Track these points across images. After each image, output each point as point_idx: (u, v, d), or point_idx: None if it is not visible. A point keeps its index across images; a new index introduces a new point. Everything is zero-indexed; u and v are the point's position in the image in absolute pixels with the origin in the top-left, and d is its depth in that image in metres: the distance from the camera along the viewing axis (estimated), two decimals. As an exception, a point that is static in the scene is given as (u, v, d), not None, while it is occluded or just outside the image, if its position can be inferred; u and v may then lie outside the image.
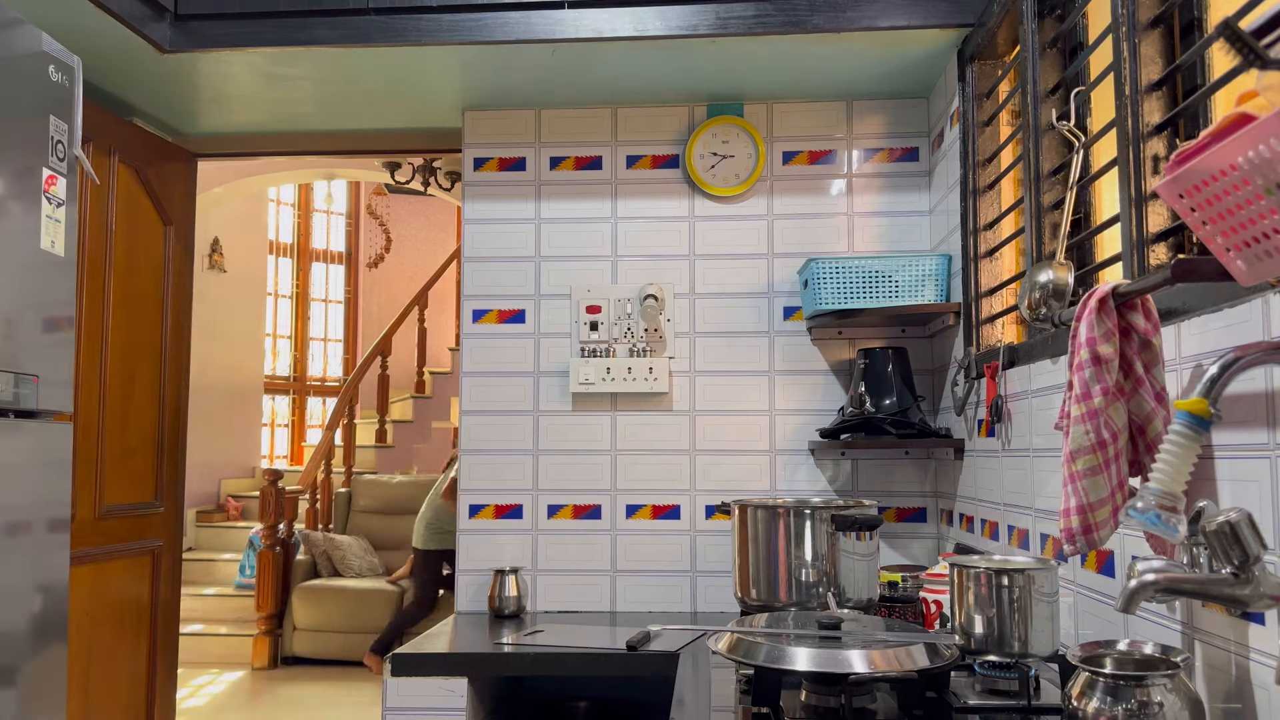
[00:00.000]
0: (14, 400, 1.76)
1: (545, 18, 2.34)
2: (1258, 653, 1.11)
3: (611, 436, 2.73)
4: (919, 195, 2.71)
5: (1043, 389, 1.82)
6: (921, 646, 1.49)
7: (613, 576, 2.70)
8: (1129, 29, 1.48)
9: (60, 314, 1.90)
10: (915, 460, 2.67)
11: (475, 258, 2.80)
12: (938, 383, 2.63)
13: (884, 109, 2.74)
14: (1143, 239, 1.42)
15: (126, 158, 2.81)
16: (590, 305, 2.74)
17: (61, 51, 1.89)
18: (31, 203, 1.81)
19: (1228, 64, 1.31)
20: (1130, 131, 1.47)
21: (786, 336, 2.72)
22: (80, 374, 2.61)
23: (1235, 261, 0.94)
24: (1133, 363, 1.27)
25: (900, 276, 2.46)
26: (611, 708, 2.61)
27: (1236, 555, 1.01)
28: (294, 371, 8.64)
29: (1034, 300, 1.70)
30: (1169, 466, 1.06)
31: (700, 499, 2.70)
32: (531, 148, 2.81)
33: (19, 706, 1.76)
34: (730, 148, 2.73)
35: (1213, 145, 0.90)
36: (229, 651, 5.67)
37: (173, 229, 3.02)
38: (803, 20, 2.30)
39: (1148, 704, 1.09)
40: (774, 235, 2.74)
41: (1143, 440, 1.28)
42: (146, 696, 2.86)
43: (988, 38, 2.18)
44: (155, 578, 2.93)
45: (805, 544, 2.12)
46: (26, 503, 1.79)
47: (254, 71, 2.57)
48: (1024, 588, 1.48)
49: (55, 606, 1.87)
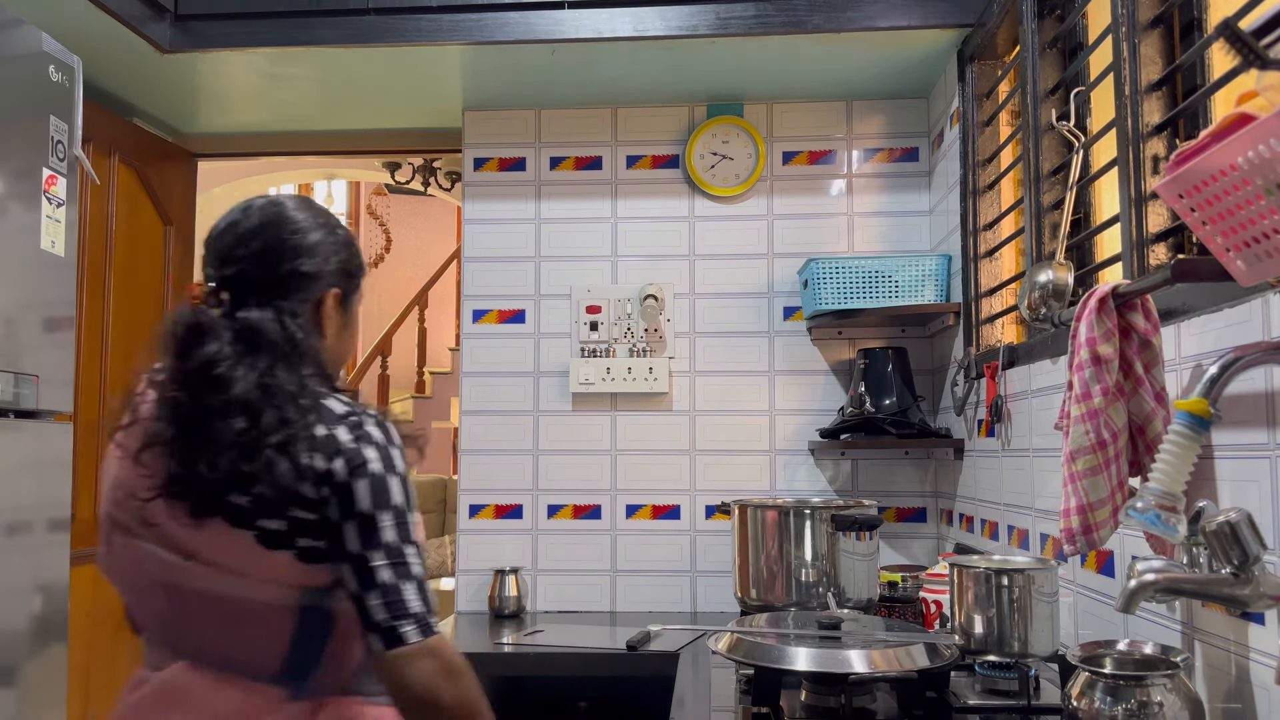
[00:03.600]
0: (14, 400, 1.76)
1: (545, 18, 2.34)
2: (1258, 653, 1.11)
3: (611, 436, 2.73)
4: (919, 195, 2.71)
5: (1043, 389, 1.82)
6: (921, 646, 1.49)
7: (613, 576, 2.70)
8: (1129, 29, 1.48)
9: (60, 314, 1.90)
10: (915, 460, 2.67)
11: (475, 258, 2.80)
12: (938, 383, 2.63)
13: (884, 109, 2.74)
14: (1143, 239, 1.42)
15: (126, 158, 2.81)
16: (590, 305, 2.74)
17: (61, 51, 1.89)
18: (31, 203, 1.81)
19: (1228, 64, 1.31)
20: (1130, 131, 1.47)
21: (786, 336, 2.72)
22: (80, 374, 2.60)
23: (1235, 261, 0.94)
24: (1133, 363, 1.27)
25: (900, 276, 2.46)
26: (611, 708, 2.60)
27: (1236, 555, 1.01)
28: (294, 371, 8.63)
29: (1034, 300, 1.70)
30: (1169, 466, 1.06)
31: (700, 499, 2.70)
32: (531, 148, 2.81)
33: (19, 706, 1.76)
34: (730, 148, 2.73)
35: (1213, 145, 0.90)
36: (229, 651, 5.66)
37: (173, 229, 3.02)
38: (803, 20, 2.30)
39: (1148, 704, 1.09)
40: (774, 235, 2.74)
41: (1143, 440, 1.28)
42: (146, 696, 2.86)
43: (988, 38, 2.18)
44: (155, 578, 2.92)
45: (805, 544, 2.12)
46: (26, 503, 1.79)
47: (254, 71, 2.57)
48: (1024, 588, 1.48)
49: (55, 606, 1.86)
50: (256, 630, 1.12)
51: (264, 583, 1.11)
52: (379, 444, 1.13)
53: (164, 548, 1.13)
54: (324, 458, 1.10)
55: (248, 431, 1.08)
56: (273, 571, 1.10)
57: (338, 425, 1.12)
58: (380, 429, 1.15)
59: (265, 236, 1.18)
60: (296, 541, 1.10)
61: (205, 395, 1.10)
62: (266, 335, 1.14)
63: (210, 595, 1.12)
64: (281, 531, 1.10)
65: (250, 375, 1.11)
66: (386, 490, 1.11)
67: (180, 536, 1.12)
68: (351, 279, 1.28)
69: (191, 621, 1.14)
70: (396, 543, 1.10)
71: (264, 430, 1.08)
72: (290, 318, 1.17)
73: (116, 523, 1.18)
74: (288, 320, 1.16)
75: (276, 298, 1.17)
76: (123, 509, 1.16)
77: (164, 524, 1.13)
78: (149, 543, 1.14)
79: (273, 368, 1.12)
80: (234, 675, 1.12)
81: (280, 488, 1.08)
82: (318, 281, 1.21)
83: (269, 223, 1.19)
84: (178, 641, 1.16)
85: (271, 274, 1.18)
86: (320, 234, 1.22)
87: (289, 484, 1.08)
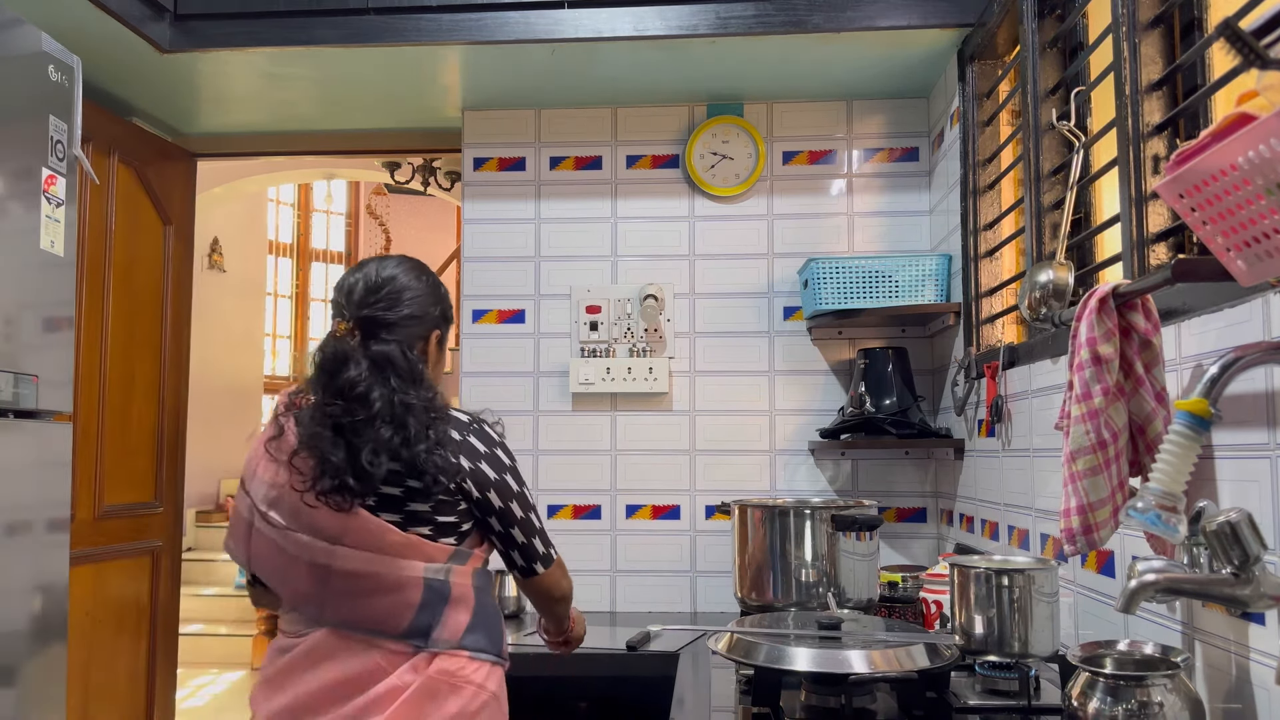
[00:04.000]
0: (14, 400, 1.76)
1: (545, 18, 2.34)
2: (1258, 653, 1.11)
3: (611, 436, 2.73)
4: (919, 195, 2.71)
5: (1043, 389, 1.82)
6: (921, 646, 1.49)
7: (613, 576, 2.70)
8: (1129, 29, 1.48)
9: (60, 314, 1.90)
10: (915, 460, 2.67)
11: (475, 258, 2.80)
12: (938, 383, 2.63)
13: (884, 109, 2.74)
14: (1143, 239, 1.42)
15: (126, 158, 2.81)
16: (590, 305, 2.74)
17: (61, 51, 1.89)
18: (31, 203, 1.81)
19: (1228, 64, 1.31)
20: (1130, 131, 1.47)
21: (786, 336, 2.72)
22: (80, 374, 2.60)
23: (1235, 261, 0.94)
24: (1133, 363, 1.26)
25: (900, 276, 2.46)
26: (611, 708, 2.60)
27: (1236, 555, 1.01)
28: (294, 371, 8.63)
29: (1034, 300, 1.70)
30: (1169, 466, 1.06)
31: (700, 499, 2.70)
32: (531, 148, 2.81)
33: (19, 706, 1.76)
34: (730, 148, 2.73)
35: (1213, 145, 0.90)
36: (229, 652, 5.67)
37: (173, 229, 3.02)
38: (803, 20, 2.30)
39: (1148, 704, 1.09)
40: (774, 235, 2.74)
41: (1143, 440, 1.28)
42: (146, 696, 2.86)
43: (988, 38, 2.18)
44: (155, 578, 2.93)
45: (805, 544, 2.11)
46: (26, 503, 1.79)
47: (254, 71, 2.57)
48: (1024, 588, 1.48)
49: (55, 606, 1.86)
50: (390, 599, 1.40)
51: (400, 560, 1.40)
52: (499, 442, 1.53)
53: (314, 535, 1.41)
54: (465, 458, 1.45)
55: (397, 436, 1.40)
56: (408, 550, 1.41)
57: (467, 432, 1.49)
58: (492, 428, 1.54)
59: (389, 289, 1.52)
60: (434, 520, 1.44)
61: (354, 409, 1.41)
62: (394, 363, 1.46)
63: (353, 572, 1.40)
64: (422, 515, 1.43)
65: (387, 393, 1.43)
66: (510, 479, 1.50)
67: (330, 524, 1.41)
68: (447, 323, 1.62)
69: (335, 594, 1.41)
70: (524, 515, 1.52)
71: (413, 436, 1.41)
72: (409, 349, 1.49)
73: (267, 517, 1.45)
74: (407, 352, 1.48)
75: (396, 336, 1.49)
76: (276, 506, 1.45)
77: (316, 514, 1.41)
78: (300, 531, 1.42)
79: (403, 388, 1.44)
80: (369, 636, 1.41)
81: (427, 480, 1.41)
82: (425, 324, 1.55)
83: (390, 278, 1.53)
84: (320, 611, 1.43)
85: (393, 318, 1.50)
86: (426, 289, 1.56)
87: (434, 478, 1.41)
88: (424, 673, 1.40)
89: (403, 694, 1.38)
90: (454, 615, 1.44)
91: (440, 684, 1.41)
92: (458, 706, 1.41)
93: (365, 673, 1.39)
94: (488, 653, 1.48)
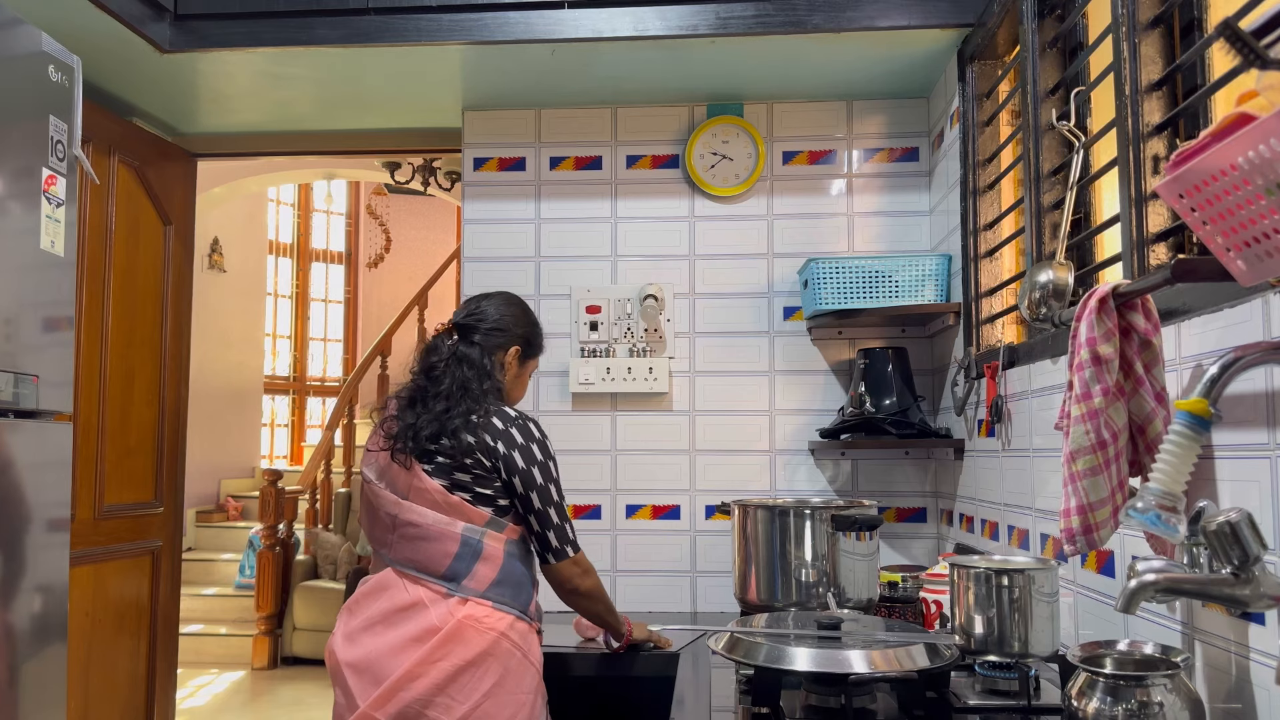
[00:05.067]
0: (14, 400, 1.76)
1: (545, 18, 2.34)
2: (1258, 653, 1.11)
3: (611, 436, 2.73)
4: (919, 195, 2.71)
5: (1043, 389, 1.82)
6: (921, 646, 1.49)
7: (613, 576, 2.70)
8: (1129, 29, 1.48)
9: (60, 314, 1.90)
10: (915, 460, 2.67)
11: (475, 258, 2.80)
12: (938, 383, 2.63)
13: (884, 109, 2.74)
14: (1143, 239, 1.42)
15: (126, 158, 2.81)
16: (590, 305, 2.74)
17: (61, 51, 1.89)
18: (31, 203, 1.81)
19: (1228, 64, 1.31)
20: (1130, 131, 1.47)
21: (786, 336, 2.72)
22: (80, 374, 2.61)
23: (1235, 261, 0.94)
24: (1133, 363, 1.26)
25: (900, 276, 2.46)
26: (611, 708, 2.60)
27: (1236, 555, 1.01)
28: (294, 371, 8.63)
29: (1034, 300, 1.70)
30: (1169, 466, 1.06)
31: (700, 499, 2.70)
32: (531, 148, 2.81)
33: (19, 706, 1.76)
34: (730, 148, 2.73)
35: (1213, 145, 0.90)
36: (229, 652, 5.67)
37: (173, 229, 3.02)
38: (802, 20, 2.30)
39: (1148, 704, 1.08)
40: (774, 235, 2.74)
41: (1143, 440, 1.28)
42: (146, 696, 2.86)
43: (988, 38, 2.18)
44: (155, 578, 2.93)
45: (805, 544, 2.11)
46: (26, 503, 1.79)
47: (254, 71, 2.57)
48: (1024, 588, 1.48)
49: (55, 606, 1.86)
50: (435, 546, 1.75)
51: (446, 516, 1.75)
52: (538, 439, 1.82)
53: (391, 490, 1.80)
54: (501, 442, 1.77)
55: (449, 411, 1.77)
56: (453, 510, 1.75)
57: (511, 425, 1.80)
58: (536, 427, 1.83)
59: (485, 305, 1.93)
60: (473, 490, 1.76)
61: (428, 386, 1.82)
62: (470, 359, 1.85)
63: (411, 522, 1.76)
64: (463, 483, 1.76)
65: (454, 378, 1.81)
66: (536, 472, 1.79)
67: (401, 481, 1.78)
68: (530, 345, 1.97)
69: (399, 539, 1.77)
70: (542, 509, 1.80)
71: (460, 413, 1.77)
72: (487, 354, 1.87)
73: (368, 479, 1.85)
74: (485, 355, 1.86)
75: (480, 341, 1.88)
76: (371, 467, 1.85)
77: (393, 472, 1.79)
78: (384, 488, 1.81)
79: (470, 378, 1.81)
80: (417, 575, 1.76)
81: (462, 451, 1.75)
82: (507, 337, 1.91)
83: (488, 299, 1.95)
84: (390, 554, 1.79)
85: (481, 327, 1.90)
86: (515, 313, 1.95)
87: (468, 450, 1.75)
88: (457, 616, 1.71)
89: (438, 633, 1.70)
90: (482, 569, 1.75)
91: (466, 627, 1.71)
92: (481, 647, 1.70)
93: (411, 603, 1.73)
94: (511, 606, 1.76)
